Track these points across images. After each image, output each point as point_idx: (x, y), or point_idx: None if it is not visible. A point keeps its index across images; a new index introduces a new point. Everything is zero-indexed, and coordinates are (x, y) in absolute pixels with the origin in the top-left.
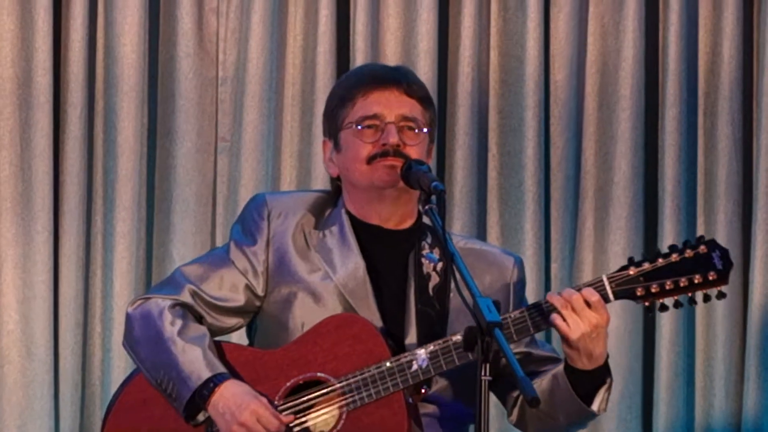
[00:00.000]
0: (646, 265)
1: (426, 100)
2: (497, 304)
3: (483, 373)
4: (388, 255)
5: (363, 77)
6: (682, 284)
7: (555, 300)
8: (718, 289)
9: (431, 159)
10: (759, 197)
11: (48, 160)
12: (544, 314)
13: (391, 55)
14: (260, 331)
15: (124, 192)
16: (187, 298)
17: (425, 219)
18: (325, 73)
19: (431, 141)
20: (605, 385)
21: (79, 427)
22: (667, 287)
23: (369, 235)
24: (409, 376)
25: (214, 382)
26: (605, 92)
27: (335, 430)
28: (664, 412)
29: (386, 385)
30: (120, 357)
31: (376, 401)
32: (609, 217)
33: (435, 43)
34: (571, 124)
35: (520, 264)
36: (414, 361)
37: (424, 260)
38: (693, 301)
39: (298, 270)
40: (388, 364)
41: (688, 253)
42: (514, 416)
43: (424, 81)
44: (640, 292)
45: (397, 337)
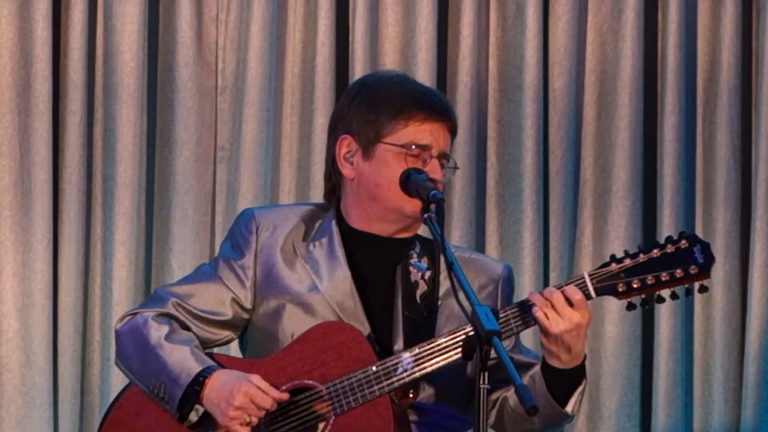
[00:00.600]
0: (628, 261)
1: (455, 134)
2: (495, 313)
3: (481, 382)
4: (376, 263)
5: (419, 101)
6: (663, 279)
7: (536, 298)
8: (700, 282)
9: None
10: (758, 206)
11: (47, 168)
12: (526, 312)
13: (390, 65)
14: (251, 344)
15: (123, 200)
16: (171, 309)
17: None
18: (324, 83)
19: None
20: (580, 386)
21: None
22: (649, 282)
23: (360, 244)
24: (395, 379)
25: (204, 376)
26: (604, 101)
27: None
28: (663, 420)
29: (372, 389)
30: None
31: (363, 405)
32: (607, 225)
33: (434, 52)
34: (570, 132)
35: (509, 272)
36: (399, 365)
37: (412, 269)
38: (675, 296)
39: (287, 281)
40: (374, 369)
41: (669, 248)
42: (492, 418)
43: None
44: (622, 287)
45: (385, 345)
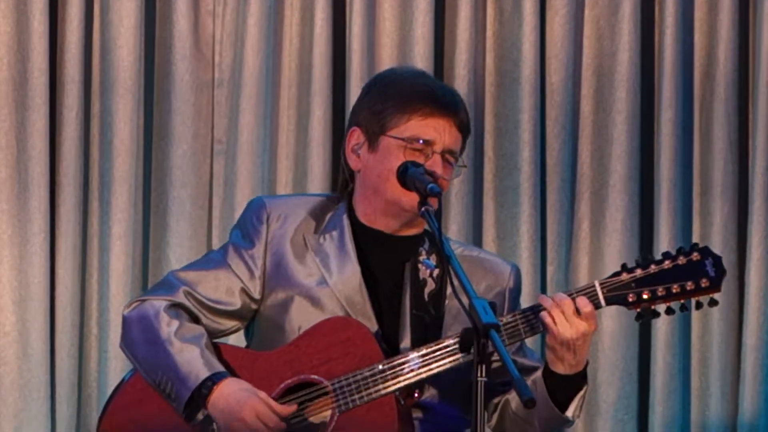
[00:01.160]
0: (639, 272)
1: (466, 132)
2: (493, 306)
3: (479, 374)
4: (386, 260)
5: (426, 95)
6: (674, 291)
7: (545, 302)
8: (711, 296)
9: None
10: (755, 199)
11: (44, 162)
12: (535, 318)
13: (387, 58)
14: (257, 334)
15: (120, 194)
16: (182, 299)
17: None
18: (321, 76)
19: None
20: (581, 392)
21: (76, 429)
22: (659, 293)
23: (370, 240)
24: (401, 379)
25: (213, 381)
26: (601, 95)
27: None
28: (660, 412)
29: (378, 388)
30: (116, 358)
31: (368, 404)
32: (605, 219)
33: (431, 46)
34: (567, 126)
35: (517, 272)
36: (406, 365)
37: (420, 266)
38: (684, 308)
39: (295, 274)
40: (381, 367)
41: (681, 260)
42: (493, 422)
43: None
44: (632, 297)
45: (392, 342)
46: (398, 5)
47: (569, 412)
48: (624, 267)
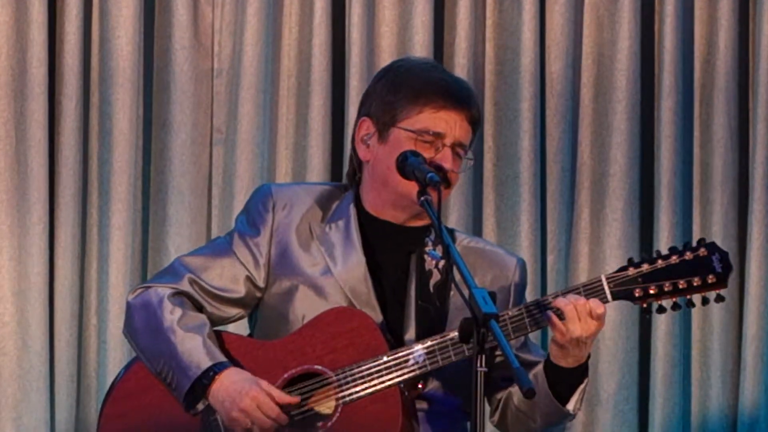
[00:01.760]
0: (645, 266)
1: (477, 126)
2: (493, 296)
3: (479, 365)
4: (392, 250)
5: (438, 87)
6: (680, 286)
7: (561, 303)
8: (717, 292)
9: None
10: (755, 188)
11: (43, 152)
12: (542, 313)
13: (387, 47)
14: (261, 323)
15: (120, 184)
16: (186, 287)
17: None
18: (320, 65)
19: None
20: (582, 385)
21: (75, 419)
22: (666, 289)
23: (376, 230)
24: (405, 371)
25: (214, 371)
26: (601, 83)
27: (330, 423)
28: (661, 402)
29: (382, 380)
30: (115, 348)
31: (372, 395)
32: (605, 208)
33: (430, 35)
34: (567, 115)
35: (523, 266)
36: (411, 357)
37: (426, 257)
38: (691, 304)
39: (300, 263)
40: (385, 359)
41: (688, 256)
42: (496, 417)
43: None
44: (638, 293)
45: (397, 333)
46: None
47: (570, 406)
48: (630, 262)
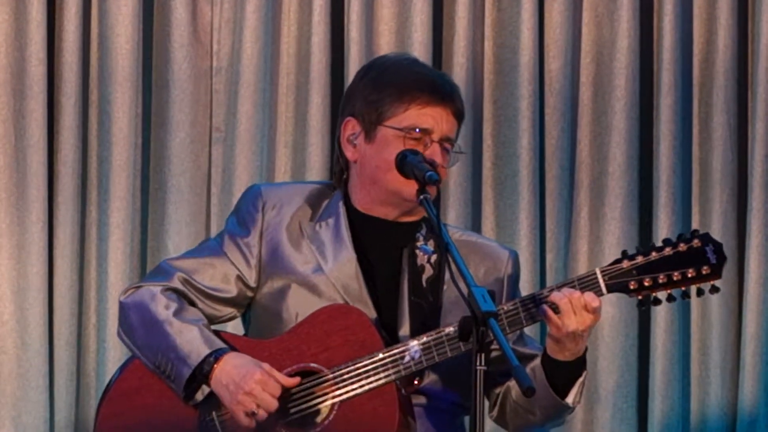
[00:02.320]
0: (640, 259)
1: (462, 119)
2: (492, 294)
3: (478, 363)
4: (383, 247)
5: (422, 84)
6: (675, 278)
7: (556, 297)
8: (712, 283)
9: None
10: (754, 186)
11: (42, 151)
12: (537, 307)
13: (386, 45)
14: (255, 323)
15: (119, 182)
16: (178, 284)
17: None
18: (319, 63)
19: None
20: (581, 378)
21: (74, 418)
22: (660, 281)
23: (366, 227)
24: (401, 367)
25: (215, 357)
26: (600, 82)
27: (327, 421)
28: (660, 401)
29: (378, 377)
30: (115, 347)
31: (368, 393)
32: (604, 207)
33: (429, 33)
34: (566, 114)
35: (515, 258)
36: (407, 353)
37: (418, 252)
38: (686, 295)
39: (291, 262)
40: (381, 356)
41: (682, 247)
42: (495, 412)
43: None
44: (633, 285)
45: (390, 329)
46: None
47: (569, 399)
48: (624, 254)
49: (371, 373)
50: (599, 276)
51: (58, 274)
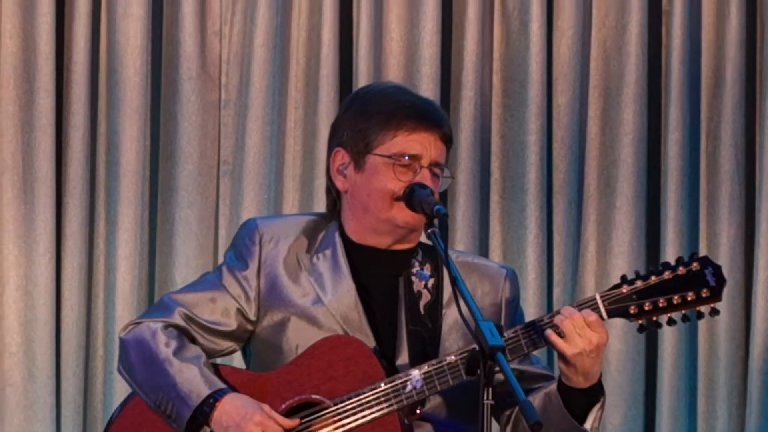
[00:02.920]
0: (639, 283)
1: (450, 143)
2: (500, 328)
3: (486, 397)
4: (379, 275)
5: (408, 111)
6: (675, 301)
7: (557, 320)
8: (712, 305)
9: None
10: (761, 221)
11: (50, 182)
12: (538, 333)
13: (394, 79)
14: (255, 356)
15: (127, 214)
16: (178, 320)
17: (423, 240)
18: (327, 96)
19: None
20: (598, 404)
21: None
22: (660, 305)
23: (362, 256)
24: (403, 397)
25: (215, 398)
26: (608, 116)
27: None
28: None
29: (381, 407)
30: (122, 380)
31: (371, 423)
32: (611, 241)
33: (438, 66)
34: (574, 147)
35: (513, 276)
36: (408, 382)
37: (414, 278)
38: (686, 318)
39: (290, 294)
40: (383, 386)
41: (681, 270)
42: (508, 431)
43: None
44: (634, 309)
45: (390, 359)
46: (405, 26)
47: (587, 424)
48: (624, 279)
49: (373, 403)
50: (599, 301)
51: (66, 305)
